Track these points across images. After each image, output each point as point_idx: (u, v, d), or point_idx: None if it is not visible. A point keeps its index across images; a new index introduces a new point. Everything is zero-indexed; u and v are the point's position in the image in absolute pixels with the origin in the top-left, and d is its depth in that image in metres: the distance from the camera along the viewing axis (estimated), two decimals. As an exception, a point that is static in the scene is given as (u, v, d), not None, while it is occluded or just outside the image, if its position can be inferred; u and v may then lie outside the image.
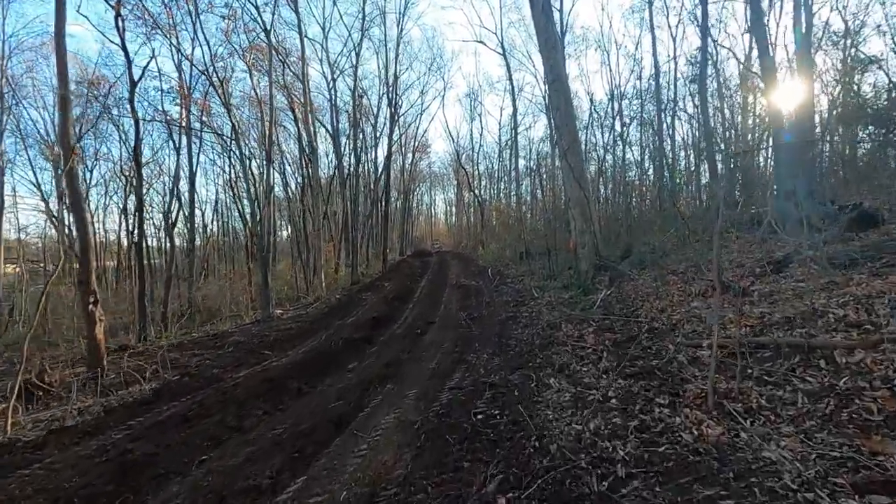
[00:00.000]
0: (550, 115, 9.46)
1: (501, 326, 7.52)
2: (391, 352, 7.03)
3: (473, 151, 45.04)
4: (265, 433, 4.04)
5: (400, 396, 4.61)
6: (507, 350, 5.78)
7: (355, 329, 9.38)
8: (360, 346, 7.82)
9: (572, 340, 5.33)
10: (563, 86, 9.05)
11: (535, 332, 6.26)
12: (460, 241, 49.21)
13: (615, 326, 5.62)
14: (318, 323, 11.25)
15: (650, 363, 4.10)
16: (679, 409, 3.19)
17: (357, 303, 14.26)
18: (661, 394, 3.48)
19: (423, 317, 10.22)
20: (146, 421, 4.68)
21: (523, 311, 8.48)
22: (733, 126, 17.65)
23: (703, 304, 5.04)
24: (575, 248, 8.76)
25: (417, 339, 7.90)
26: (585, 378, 4.09)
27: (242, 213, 23.64)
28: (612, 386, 3.76)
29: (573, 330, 5.86)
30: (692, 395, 3.36)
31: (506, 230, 26.47)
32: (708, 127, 9.45)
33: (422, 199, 68.89)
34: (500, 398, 3.84)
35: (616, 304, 6.50)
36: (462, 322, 8.62)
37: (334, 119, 24.97)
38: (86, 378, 7.44)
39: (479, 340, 6.74)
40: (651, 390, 3.55)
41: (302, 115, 19.52)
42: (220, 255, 35.62)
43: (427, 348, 7.08)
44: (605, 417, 3.22)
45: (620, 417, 3.22)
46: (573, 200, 8.82)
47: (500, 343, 6.24)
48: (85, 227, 7.82)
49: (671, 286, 6.34)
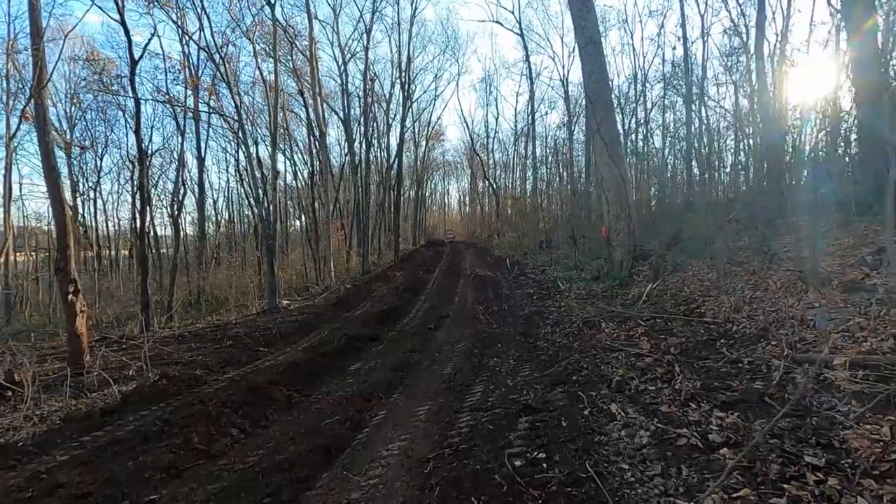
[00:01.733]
0: (583, 81, 8.37)
1: (526, 323, 6.58)
2: (399, 352, 6.15)
3: (488, 138, 43.70)
4: (236, 462, 3.19)
5: (408, 413, 3.71)
6: (537, 354, 4.83)
7: (362, 323, 8.54)
8: (366, 344, 6.96)
9: (620, 344, 4.35)
10: (596, 49, 7.96)
11: (570, 332, 5.28)
12: (474, 231, 48.16)
13: (673, 328, 4.63)
14: (323, 315, 10.44)
15: (752, 385, 3.01)
16: (853, 483, 1.98)
17: (366, 294, 13.45)
18: (801, 443, 2.31)
19: (436, 310, 9.34)
20: (101, 438, 3.87)
21: (549, 305, 7.52)
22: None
23: (796, 300, 4.00)
24: (608, 235, 7.77)
25: (429, 337, 7.02)
26: (661, 404, 3.01)
27: (249, 200, 22.95)
28: (709, 422, 2.63)
29: (617, 330, 4.88)
30: (865, 452, 2.12)
31: (522, 219, 25.37)
32: (765, 96, 8.28)
33: (435, 189, 67.93)
34: (542, 430, 2.86)
35: (667, 300, 5.49)
36: (479, 317, 7.71)
37: (345, 104, 24.03)
38: (64, 376, 6.72)
39: (501, 340, 5.80)
40: (781, 436, 2.38)
41: (311, 99, 18.61)
42: (232, 244, 35.17)
43: (440, 348, 6.19)
44: (724, 488, 1.99)
45: (751, 487, 2.01)
46: (607, 181, 7.78)
47: (527, 344, 5.30)
48: (61, 208, 7.05)
49: (736, 279, 5.28)
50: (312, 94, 18.03)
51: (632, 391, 3.24)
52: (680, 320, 4.74)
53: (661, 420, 2.74)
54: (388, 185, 32.73)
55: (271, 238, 15.16)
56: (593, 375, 3.66)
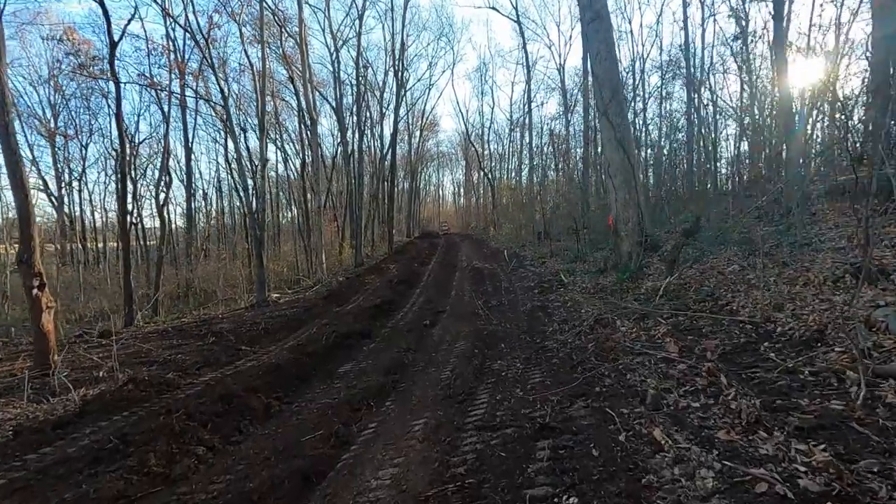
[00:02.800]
0: (586, 62, 7.83)
1: (530, 320, 6.09)
2: (393, 351, 5.66)
3: (484, 127, 43.05)
4: (197, 491, 2.69)
5: (402, 428, 3.22)
6: (546, 356, 4.34)
7: (354, 319, 8.04)
8: (357, 342, 6.47)
9: (642, 346, 3.86)
10: (603, 25, 7.41)
11: (581, 331, 4.79)
12: (469, 223, 47.63)
13: (702, 327, 4.15)
14: (313, 310, 9.93)
15: (828, 405, 2.39)
16: None
17: (359, 287, 12.93)
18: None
19: (432, 305, 8.85)
20: (49, 456, 3.36)
21: (553, 300, 7.04)
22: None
23: (849, 296, 3.47)
24: (615, 224, 7.28)
25: (425, 334, 6.53)
26: (716, 429, 2.37)
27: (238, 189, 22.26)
28: (790, 457, 2.00)
29: (635, 329, 4.39)
30: None
31: (519, 210, 24.86)
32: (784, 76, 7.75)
33: (429, 180, 67.26)
34: (567, 462, 2.30)
35: (688, 295, 5.01)
36: (478, 312, 7.23)
37: (338, 93, 23.29)
38: (28, 377, 6.19)
39: (505, 339, 5.31)
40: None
41: (302, 86, 17.91)
42: (222, 236, 34.44)
43: (437, 347, 5.70)
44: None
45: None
46: (614, 167, 7.26)
47: (534, 344, 4.82)
48: (24, 195, 6.46)
49: (766, 272, 4.77)
50: (303, 81, 17.33)
51: (672, 408, 2.69)
52: (707, 318, 4.23)
53: (724, 453, 2.14)
54: (382, 175, 32.08)
55: (259, 229, 14.57)
56: (619, 386, 3.14)
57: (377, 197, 33.63)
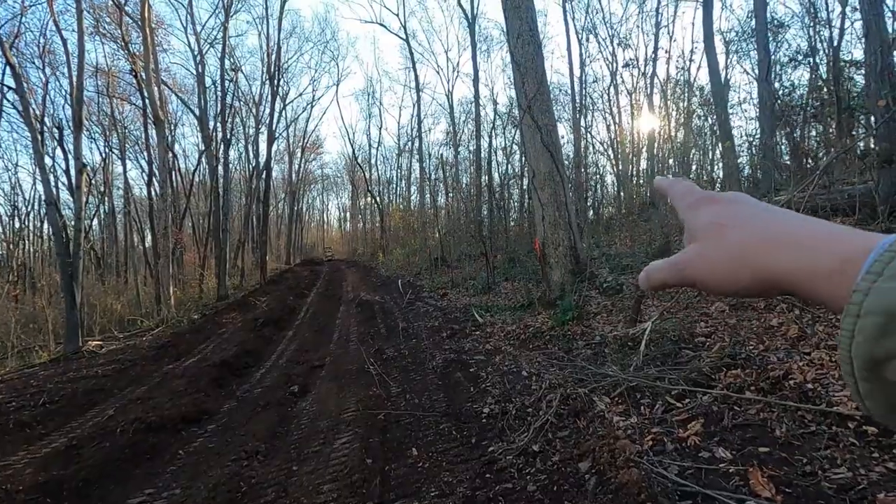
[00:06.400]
0: (508, 46, 6.52)
1: (448, 389, 4.25)
2: (229, 458, 3.41)
3: (371, 148, 41.41)
4: None
5: None
6: (505, 490, 2.49)
7: (187, 385, 5.49)
8: (174, 438, 4.04)
9: (683, 470, 2.17)
10: (528, 2, 6.19)
11: (546, 424, 2.98)
12: (356, 249, 44.96)
13: (767, 421, 2.30)
14: (133, 369, 7.00)
15: None
16: None
17: (213, 330, 9.99)
18: None
19: (306, 356, 6.60)
20: None
21: (470, 349, 5.32)
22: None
23: None
24: (542, 249, 5.89)
25: (289, 413, 4.35)
26: None
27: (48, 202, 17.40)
28: None
29: (640, 424, 2.72)
30: None
31: (411, 235, 23.31)
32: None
33: (313, 204, 63.30)
34: None
35: (687, 351, 3.47)
36: (369, 369, 5.23)
37: (202, 100, 19.63)
38: None
39: (417, 437, 3.34)
40: None
41: (146, 75, 14.34)
42: (50, 262, 27.40)
43: (307, 440, 3.60)
44: None
45: None
46: (540, 177, 5.89)
47: (471, 452, 2.93)
48: None
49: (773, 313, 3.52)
50: (146, 69, 13.90)
51: None
52: (759, 402, 2.43)
53: None
54: (257, 195, 28.31)
55: (70, 256, 10.74)
56: None
57: (250, 220, 29.66)
